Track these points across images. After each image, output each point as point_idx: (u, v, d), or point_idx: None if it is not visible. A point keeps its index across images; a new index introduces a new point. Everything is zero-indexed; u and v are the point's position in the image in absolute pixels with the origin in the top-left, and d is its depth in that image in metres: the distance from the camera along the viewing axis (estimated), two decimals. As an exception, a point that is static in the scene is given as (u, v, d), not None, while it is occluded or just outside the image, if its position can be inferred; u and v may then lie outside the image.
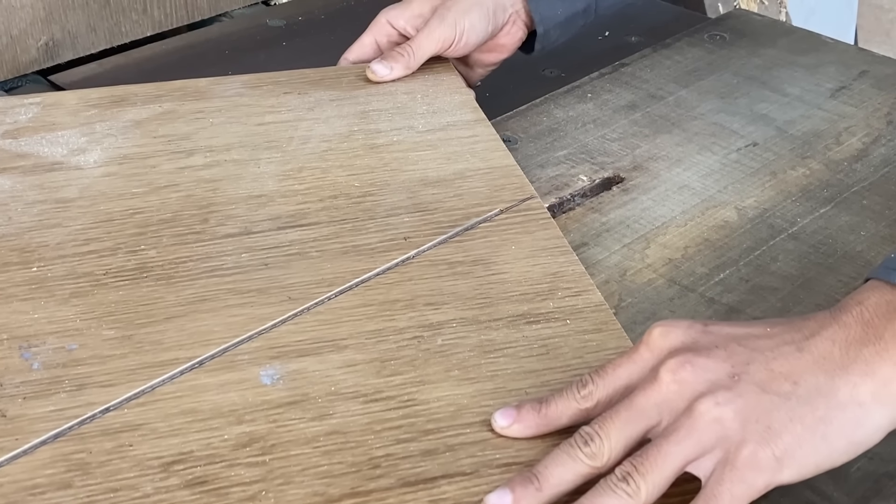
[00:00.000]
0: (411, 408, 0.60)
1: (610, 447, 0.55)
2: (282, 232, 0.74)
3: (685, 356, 0.56)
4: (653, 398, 0.55)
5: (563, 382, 0.61)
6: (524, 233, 0.75)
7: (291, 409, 0.60)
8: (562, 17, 0.95)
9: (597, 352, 0.65)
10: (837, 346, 0.56)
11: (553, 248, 0.73)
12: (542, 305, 0.68)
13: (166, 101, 0.88)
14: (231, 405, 0.60)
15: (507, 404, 0.60)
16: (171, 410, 0.60)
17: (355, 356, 0.64)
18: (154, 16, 1.15)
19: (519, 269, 0.71)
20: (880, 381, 0.54)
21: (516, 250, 0.73)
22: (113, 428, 0.58)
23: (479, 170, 0.81)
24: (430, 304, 0.68)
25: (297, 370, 0.63)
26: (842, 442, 0.54)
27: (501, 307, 0.68)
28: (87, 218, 0.74)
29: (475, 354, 0.64)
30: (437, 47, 0.91)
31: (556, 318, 0.67)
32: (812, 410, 0.54)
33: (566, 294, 0.69)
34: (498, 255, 0.72)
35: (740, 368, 0.55)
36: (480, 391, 0.62)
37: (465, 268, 0.71)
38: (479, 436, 0.59)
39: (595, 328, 0.67)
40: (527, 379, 0.63)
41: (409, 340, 0.65)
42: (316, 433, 0.59)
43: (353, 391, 0.61)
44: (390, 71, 0.90)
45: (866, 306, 0.57)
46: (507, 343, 0.65)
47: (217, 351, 0.64)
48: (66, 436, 0.58)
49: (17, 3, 1.05)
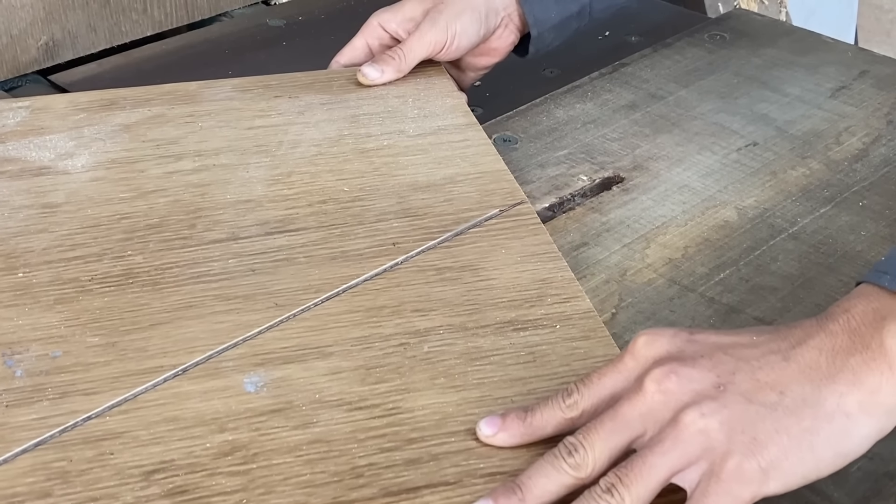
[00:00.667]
0: (396, 416, 0.60)
1: (594, 458, 0.54)
2: (269, 237, 0.73)
3: (670, 366, 0.55)
4: (637, 408, 0.55)
5: (549, 390, 0.61)
6: (514, 238, 0.74)
7: (275, 418, 0.59)
8: (556, 19, 0.94)
9: (584, 359, 0.64)
10: (824, 356, 0.55)
11: (542, 253, 0.73)
12: (531, 312, 0.68)
13: (156, 105, 0.87)
14: (214, 413, 0.60)
15: (492, 413, 0.59)
16: (154, 418, 0.59)
17: (340, 363, 0.63)
18: (154, 16, 1.15)
19: (508, 276, 0.71)
20: (867, 391, 0.54)
21: (505, 256, 0.72)
22: (94, 436, 0.58)
23: (469, 174, 0.81)
24: (417, 311, 0.67)
25: (282, 377, 0.62)
26: (828, 453, 0.54)
27: (489, 314, 0.67)
28: (74, 223, 0.74)
29: (461, 362, 0.64)
30: (428, 51, 0.90)
31: (545, 325, 0.67)
32: (798, 421, 0.53)
33: (555, 301, 0.69)
34: (487, 261, 0.72)
35: (726, 378, 0.55)
36: (466, 399, 0.61)
37: (453, 274, 0.71)
38: (464, 445, 0.58)
39: (583, 335, 0.66)
40: (513, 387, 0.62)
41: (396, 347, 0.65)
42: (299, 442, 0.58)
43: (337, 399, 0.61)
44: (381, 74, 0.90)
45: (853, 314, 0.56)
46: (494, 350, 0.65)
47: (201, 358, 0.63)
48: (47, 444, 0.57)
49: (17, 3, 1.05)
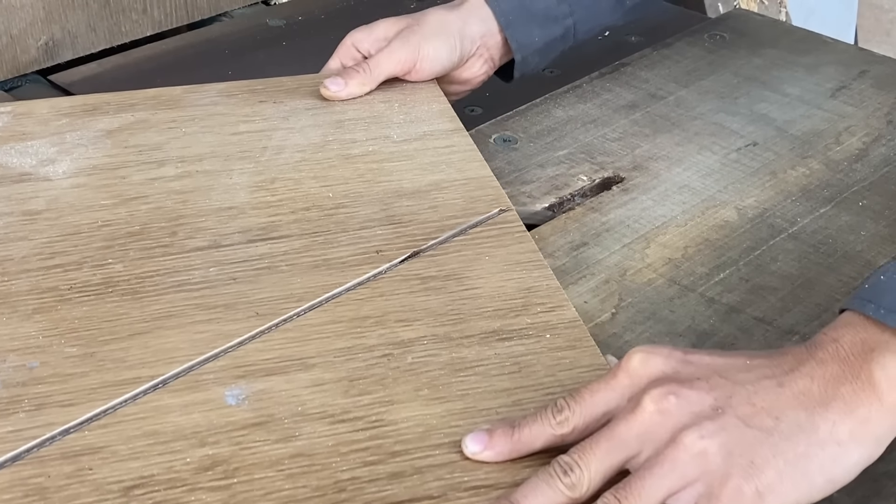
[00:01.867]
0: (379, 429, 0.59)
1: (589, 477, 0.53)
2: (252, 245, 0.72)
3: (669, 386, 0.55)
4: (635, 428, 0.54)
5: (535, 401, 0.60)
6: (499, 246, 0.73)
7: (256, 431, 0.59)
8: (539, 43, 0.93)
9: (570, 369, 0.64)
10: (816, 383, 0.55)
11: (527, 262, 0.72)
12: (516, 322, 0.67)
13: (139, 110, 0.86)
14: (194, 427, 0.59)
15: (477, 425, 0.59)
16: (133, 432, 0.58)
17: (323, 375, 0.62)
18: (154, 16, 1.15)
19: (492, 285, 0.70)
20: (858, 420, 0.54)
21: (490, 264, 0.72)
22: (73, 451, 0.57)
23: (455, 181, 0.80)
24: (401, 321, 0.67)
25: (263, 390, 0.61)
26: (820, 479, 0.54)
27: (474, 323, 0.67)
28: (54, 231, 0.73)
29: (446, 373, 0.63)
30: (395, 68, 0.89)
31: (530, 334, 0.66)
32: (794, 446, 0.53)
33: (540, 310, 0.68)
34: (471, 270, 0.71)
35: (723, 402, 0.54)
36: (450, 411, 0.60)
37: (437, 283, 0.70)
38: (448, 458, 0.57)
39: (569, 345, 0.65)
40: (498, 398, 0.61)
41: (379, 358, 0.64)
42: (280, 456, 0.57)
43: (319, 412, 0.60)
44: (343, 87, 0.88)
45: (842, 344, 0.57)
46: (479, 361, 0.64)
47: (181, 370, 0.62)
48: (24, 459, 0.57)
49: (17, 3, 1.04)
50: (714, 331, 0.71)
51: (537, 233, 0.79)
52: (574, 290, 0.74)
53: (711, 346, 0.69)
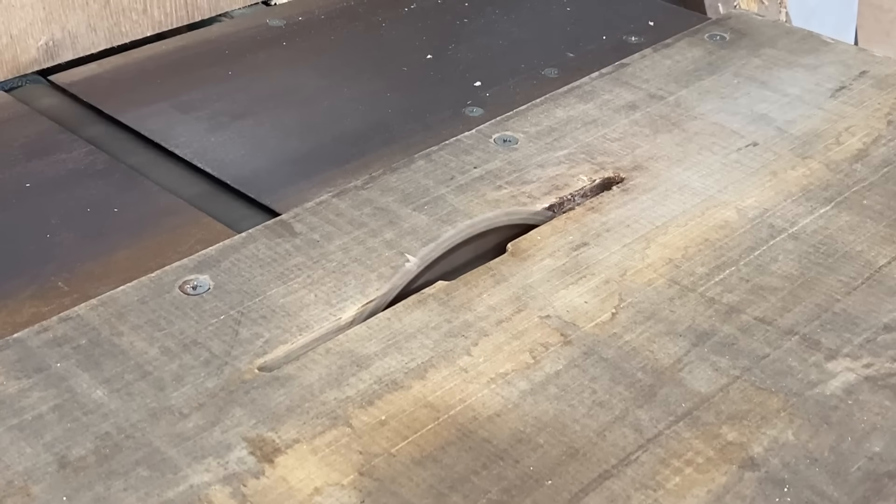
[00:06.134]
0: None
1: None
2: None
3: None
4: None
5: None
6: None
7: None
8: None
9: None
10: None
11: None
12: None
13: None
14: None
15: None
16: None
17: None
18: (154, 16, 1.15)
19: None
20: None
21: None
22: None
23: None
24: None
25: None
26: None
27: None
28: None
29: None
30: None
31: None
32: None
33: None
34: None
35: None
36: None
37: None
38: None
39: None
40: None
41: None
42: None
43: None
44: None
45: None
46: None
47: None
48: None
49: (17, 3, 1.04)
50: (714, 331, 0.71)
51: (537, 233, 0.79)
52: (574, 290, 0.74)
53: (711, 346, 0.69)
